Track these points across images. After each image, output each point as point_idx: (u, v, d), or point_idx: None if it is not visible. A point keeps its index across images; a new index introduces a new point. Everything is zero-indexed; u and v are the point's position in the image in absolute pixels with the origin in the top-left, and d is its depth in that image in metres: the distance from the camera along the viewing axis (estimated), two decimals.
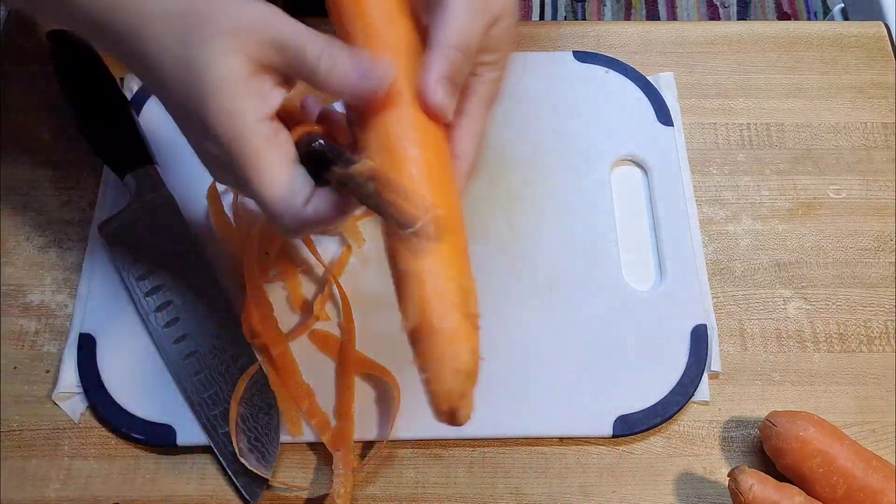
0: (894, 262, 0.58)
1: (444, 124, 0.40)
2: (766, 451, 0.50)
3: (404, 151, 0.37)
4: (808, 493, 0.47)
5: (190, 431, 0.51)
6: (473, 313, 0.37)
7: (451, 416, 0.36)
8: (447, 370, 0.35)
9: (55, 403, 0.53)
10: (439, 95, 0.38)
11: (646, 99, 0.63)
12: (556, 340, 0.54)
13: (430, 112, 0.38)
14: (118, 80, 0.61)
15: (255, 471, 0.49)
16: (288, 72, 0.37)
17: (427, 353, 0.36)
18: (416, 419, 0.52)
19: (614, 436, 0.52)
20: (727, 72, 0.66)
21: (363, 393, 0.53)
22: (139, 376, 0.53)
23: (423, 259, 0.36)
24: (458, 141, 0.40)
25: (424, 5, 0.40)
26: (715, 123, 0.64)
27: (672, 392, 0.53)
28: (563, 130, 0.62)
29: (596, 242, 0.58)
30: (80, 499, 0.50)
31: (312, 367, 0.53)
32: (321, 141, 0.38)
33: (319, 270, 0.56)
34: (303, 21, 0.37)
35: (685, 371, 0.53)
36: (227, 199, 0.58)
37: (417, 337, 0.36)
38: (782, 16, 1.58)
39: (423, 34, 0.40)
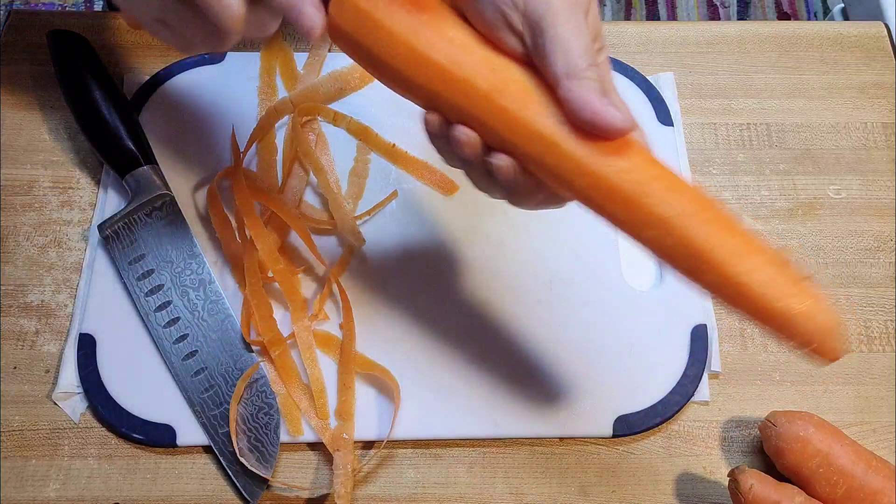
0: (894, 262, 0.58)
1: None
2: (766, 451, 0.50)
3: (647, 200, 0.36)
4: (808, 493, 0.47)
5: (190, 431, 0.51)
6: (802, 274, 0.37)
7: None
8: (832, 340, 0.37)
9: (55, 403, 0.52)
10: (617, 114, 0.35)
11: (646, 99, 0.63)
12: (557, 340, 0.54)
13: (618, 134, 0.35)
14: (118, 80, 0.61)
15: (255, 471, 0.49)
16: None
17: (802, 333, 0.37)
18: (416, 419, 0.52)
19: (614, 436, 0.52)
20: (727, 72, 0.66)
21: (363, 393, 0.53)
22: (139, 376, 0.53)
23: (740, 262, 0.36)
24: None
25: (506, 25, 0.38)
26: (715, 123, 0.64)
27: (672, 392, 0.53)
28: None
29: (596, 242, 0.58)
30: (80, 499, 0.50)
31: None
32: None
33: (320, 270, 0.56)
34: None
35: (685, 371, 0.53)
36: (227, 199, 0.58)
37: (784, 326, 0.37)
38: (782, 16, 1.58)
39: (507, 53, 0.38)
